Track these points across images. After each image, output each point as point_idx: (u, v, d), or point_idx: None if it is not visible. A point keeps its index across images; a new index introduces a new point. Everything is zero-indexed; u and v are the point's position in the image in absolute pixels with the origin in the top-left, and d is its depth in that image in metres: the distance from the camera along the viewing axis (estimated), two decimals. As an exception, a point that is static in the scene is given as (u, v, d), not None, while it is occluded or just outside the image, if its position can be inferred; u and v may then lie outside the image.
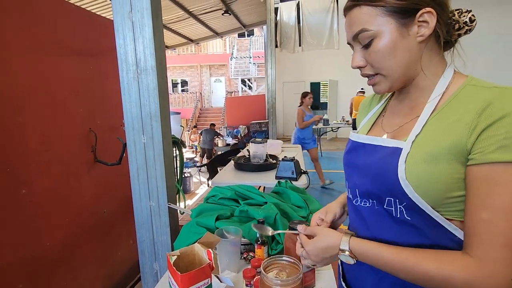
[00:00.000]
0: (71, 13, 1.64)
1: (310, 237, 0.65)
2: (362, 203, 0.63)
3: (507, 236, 0.45)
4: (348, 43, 0.62)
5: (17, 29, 1.31)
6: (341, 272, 0.76)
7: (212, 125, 7.66)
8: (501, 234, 0.46)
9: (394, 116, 0.66)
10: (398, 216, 0.56)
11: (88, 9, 2.56)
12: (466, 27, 0.58)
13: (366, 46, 0.57)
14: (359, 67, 0.61)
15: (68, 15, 1.62)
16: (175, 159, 2.13)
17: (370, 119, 0.72)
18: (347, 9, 0.59)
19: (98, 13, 2.62)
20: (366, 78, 0.62)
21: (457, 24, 0.58)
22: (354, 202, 0.66)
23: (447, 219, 0.53)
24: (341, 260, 0.76)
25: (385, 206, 0.58)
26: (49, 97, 1.49)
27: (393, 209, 0.57)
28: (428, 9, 0.53)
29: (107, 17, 2.00)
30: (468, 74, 0.58)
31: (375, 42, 0.56)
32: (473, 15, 0.57)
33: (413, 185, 0.52)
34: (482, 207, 0.48)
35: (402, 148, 0.56)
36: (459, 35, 0.59)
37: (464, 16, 0.58)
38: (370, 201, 0.61)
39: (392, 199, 0.56)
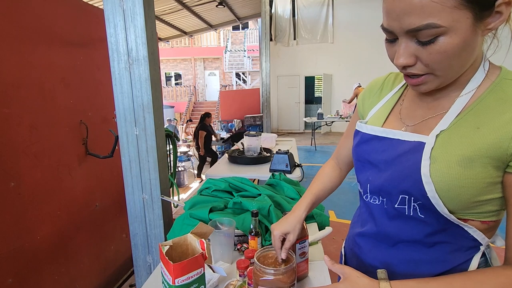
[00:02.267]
0: (59, 1, 1.59)
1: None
2: (372, 200, 0.60)
3: None
4: (386, 30, 0.48)
5: (3, 18, 1.26)
6: (343, 262, 0.75)
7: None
8: None
9: (415, 106, 0.58)
10: (411, 214, 0.53)
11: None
12: None
13: (425, 43, 0.45)
14: (406, 66, 0.49)
15: (57, 3, 1.57)
16: (168, 152, 2.11)
17: (384, 107, 0.63)
18: None
19: (89, 2, 2.55)
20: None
21: None
22: (364, 197, 0.63)
23: (462, 219, 0.51)
24: (344, 249, 0.76)
25: (396, 205, 0.55)
26: (37, 88, 1.45)
27: (405, 207, 0.54)
28: None
29: (98, 6, 1.95)
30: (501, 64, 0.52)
31: (442, 41, 0.43)
32: None
33: (437, 186, 0.48)
34: None
35: (425, 143, 0.50)
36: None
37: None
38: (380, 198, 0.58)
39: (407, 197, 0.53)
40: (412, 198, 0.52)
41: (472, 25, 0.43)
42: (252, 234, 0.91)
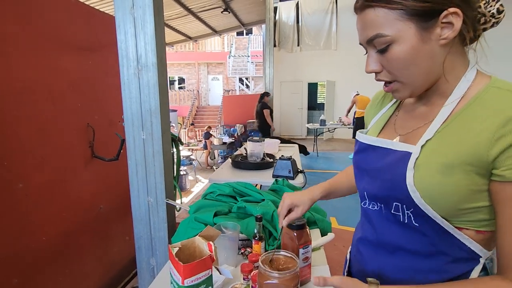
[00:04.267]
0: (70, 7, 1.64)
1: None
2: (370, 206, 0.62)
3: None
4: (361, 44, 0.57)
5: (15, 23, 1.30)
6: (347, 268, 0.77)
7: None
8: None
9: (408, 117, 0.61)
10: (406, 221, 0.55)
11: (87, 3, 2.53)
12: (493, 20, 0.51)
13: (382, 51, 0.52)
14: (374, 72, 0.56)
15: (67, 9, 1.62)
16: (172, 156, 2.13)
17: (382, 118, 0.67)
18: (359, 9, 0.53)
19: (98, 8, 2.60)
20: (376, 81, 0.57)
21: (483, 18, 0.51)
22: (362, 204, 0.65)
23: (456, 227, 0.51)
24: (350, 254, 0.78)
25: (392, 211, 0.56)
26: (46, 91, 1.48)
27: (400, 214, 0.55)
28: (453, 9, 0.47)
29: (107, 12, 1.99)
30: (492, 74, 0.53)
31: (393, 48, 0.50)
32: (501, 5, 0.50)
33: (422, 194, 0.50)
34: None
35: (411, 153, 0.52)
36: (484, 29, 0.52)
37: (491, 6, 0.51)
38: (378, 204, 0.60)
39: (400, 204, 0.54)
40: (405, 206, 0.54)
41: (417, 34, 0.49)
42: (256, 238, 0.93)
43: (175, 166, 2.20)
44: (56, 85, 1.54)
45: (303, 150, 5.37)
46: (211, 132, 7.62)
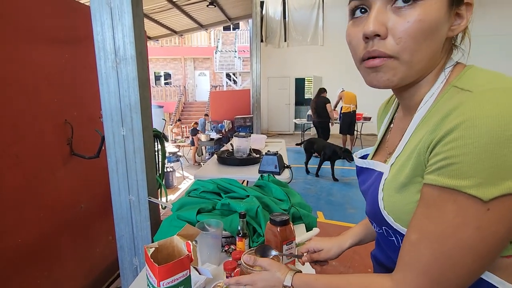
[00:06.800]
0: (44, -3, 1.55)
1: (243, 272, 0.61)
2: (376, 229, 0.57)
3: (427, 264, 0.40)
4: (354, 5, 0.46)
5: (-17, 12, 1.22)
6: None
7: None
8: (422, 261, 0.41)
9: (397, 131, 0.56)
10: (400, 243, 0.50)
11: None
12: None
13: (405, 4, 0.40)
14: (375, 36, 0.42)
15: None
16: (156, 153, 2.08)
17: (379, 135, 0.63)
18: None
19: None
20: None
21: None
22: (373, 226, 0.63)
23: None
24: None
25: (385, 234, 0.53)
26: (19, 85, 1.41)
27: (393, 238, 0.51)
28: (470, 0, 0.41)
29: (84, 3, 1.91)
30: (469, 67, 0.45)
31: (421, 6, 0.39)
32: None
33: (391, 215, 0.47)
34: (413, 228, 0.43)
35: (383, 173, 0.50)
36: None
37: None
38: (376, 226, 0.56)
39: (385, 228, 0.51)
40: (390, 230, 0.50)
41: (445, 6, 0.41)
42: (240, 235, 0.91)
43: (160, 163, 2.15)
44: (30, 79, 1.47)
45: (347, 154, 4.32)
46: (198, 129, 7.53)
